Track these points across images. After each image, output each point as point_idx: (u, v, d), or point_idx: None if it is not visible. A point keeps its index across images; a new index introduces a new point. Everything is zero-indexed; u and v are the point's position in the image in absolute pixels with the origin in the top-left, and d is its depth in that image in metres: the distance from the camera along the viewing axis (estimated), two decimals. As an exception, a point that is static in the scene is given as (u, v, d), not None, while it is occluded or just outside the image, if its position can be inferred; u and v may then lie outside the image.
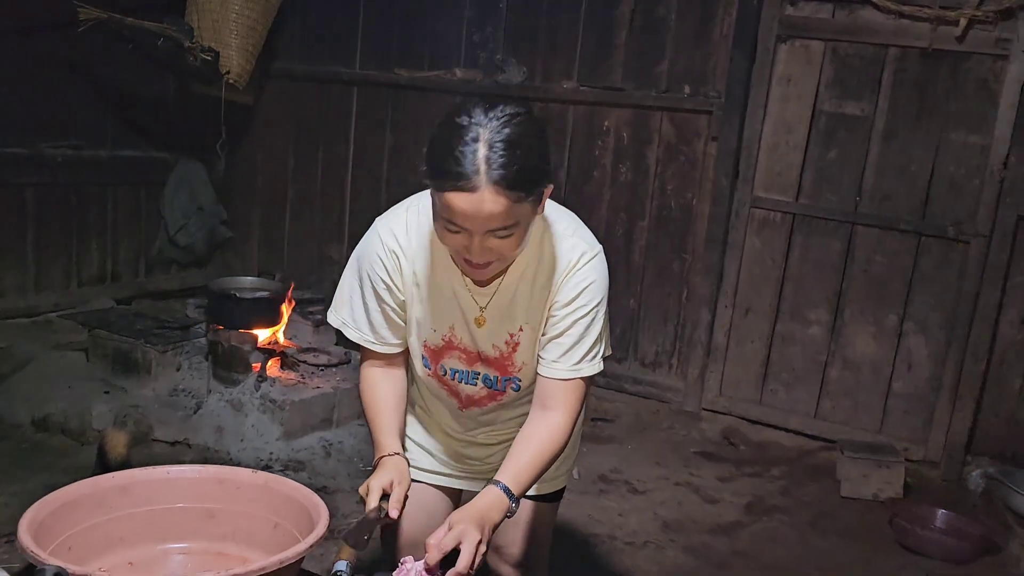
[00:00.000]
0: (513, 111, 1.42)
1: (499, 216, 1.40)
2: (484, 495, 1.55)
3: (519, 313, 1.63)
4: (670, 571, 2.99)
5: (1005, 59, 3.65)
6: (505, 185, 1.38)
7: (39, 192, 4.60)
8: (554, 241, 1.61)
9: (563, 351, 1.62)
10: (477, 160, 1.36)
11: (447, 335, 1.68)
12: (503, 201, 1.38)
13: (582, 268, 1.60)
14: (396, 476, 1.62)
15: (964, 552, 3.14)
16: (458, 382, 1.73)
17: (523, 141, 1.40)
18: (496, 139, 1.38)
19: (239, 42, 4.43)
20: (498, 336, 1.66)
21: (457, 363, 1.71)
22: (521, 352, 1.67)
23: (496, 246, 1.45)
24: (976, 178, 3.78)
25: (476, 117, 1.40)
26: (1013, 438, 3.84)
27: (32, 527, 1.33)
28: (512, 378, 1.71)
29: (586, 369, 1.64)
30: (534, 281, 1.61)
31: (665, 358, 4.50)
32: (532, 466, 1.60)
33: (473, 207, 1.38)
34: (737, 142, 4.15)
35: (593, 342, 1.63)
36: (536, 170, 1.43)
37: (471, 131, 1.38)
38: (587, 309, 1.61)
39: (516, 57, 4.59)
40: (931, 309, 3.93)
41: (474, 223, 1.41)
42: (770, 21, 4.03)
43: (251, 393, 3.64)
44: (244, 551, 1.49)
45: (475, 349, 1.68)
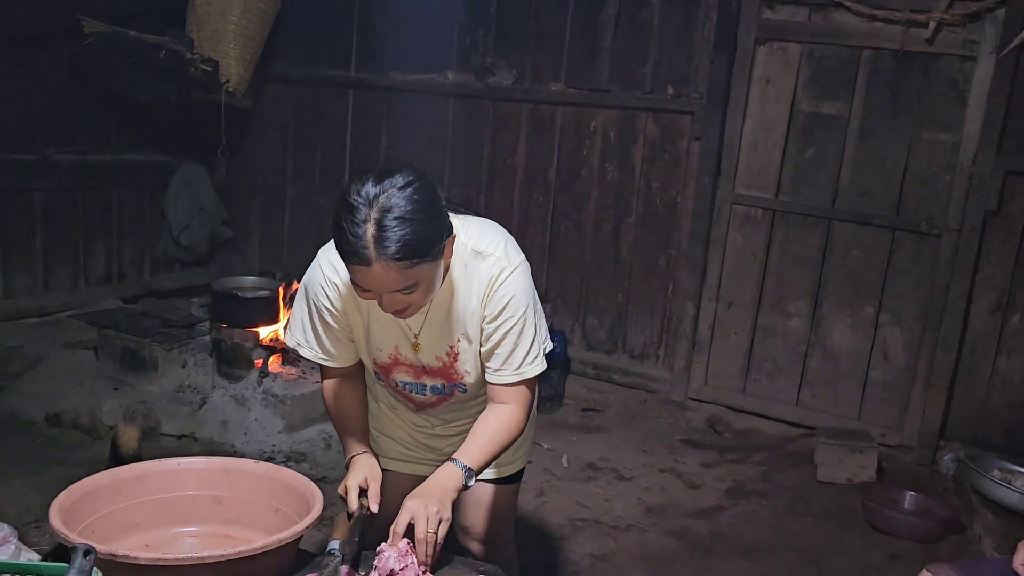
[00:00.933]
0: (403, 182, 1.50)
1: (395, 282, 1.52)
2: (437, 472, 1.72)
3: (455, 327, 1.76)
4: (652, 553, 3.16)
5: (973, 60, 3.80)
6: (396, 259, 1.48)
7: (47, 197, 4.76)
8: (476, 266, 1.73)
9: (503, 360, 1.76)
10: (367, 240, 1.46)
11: (392, 353, 1.82)
12: (395, 272, 1.50)
13: (503, 284, 1.72)
14: (369, 472, 1.78)
15: (930, 532, 3.31)
16: (409, 392, 1.90)
17: (411, 214, 1.48)
18: (385, 218, 1.46)
19: (238, 52, 4.58)
20: (439, 350, 1.80)
21: (406, 376, 1.86)
22: (462, 362, 1.81)
23: (404, 300, 1.57)
24: (947, 174, 3.93)
25: (364, 194, 1.48)
26: (983, 424, 4.01)
27: (61, 513, 1.50)
28: (458, 384, 1.86)
29: (528, 371, 1.77)
30: (466, 298, 1.74)
31: (652, 350, 4.66)
32: (486, 448, 1.75)
33: (369, 279, 1.51)
34: (719, 141, 4.30)
35: (528, 347, 1.76)
36: (426, 239, 1.51)
37: (360, 212, 1.47)
38: (514, 321, 1.74)
39: (506, 60, 4.74)
40: (905, 301, 4.09)
41: (377, 288, 1.54)
42: (749, 24, 4.17)
43: (254, 388, 3.81)
44: (248, 533, 1.66)
45: (419, 364, 1.82)
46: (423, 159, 5.00)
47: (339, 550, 1.59)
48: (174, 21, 4.61)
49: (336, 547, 1.60)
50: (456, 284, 1.73)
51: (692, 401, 4.53)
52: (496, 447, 1.77)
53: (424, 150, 4.99)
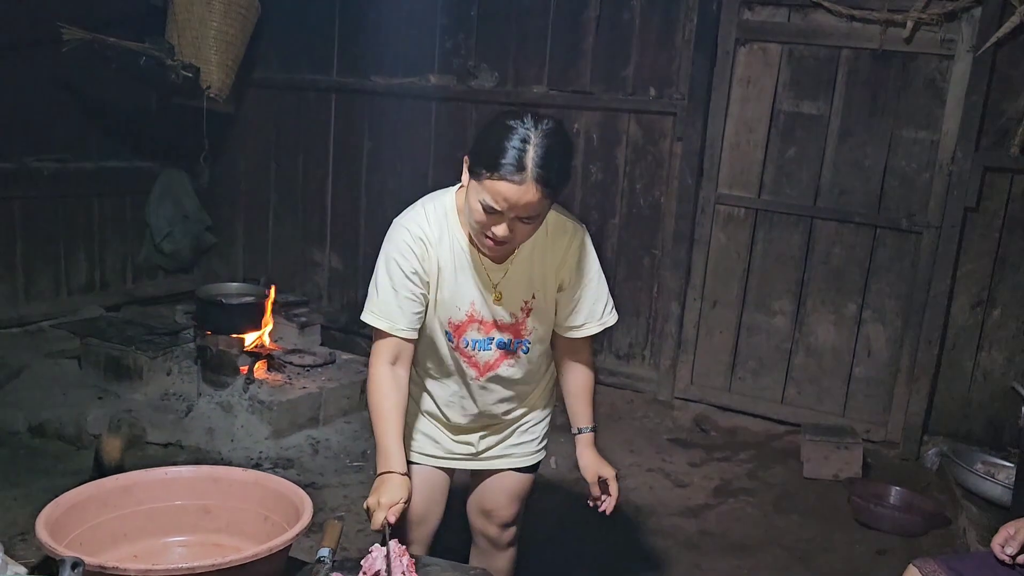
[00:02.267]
0: (555, 125, 1.71)
1: (532, 206, 1.69)
2: (583, 442, 2.13)
3: (531, 283, 1.93)
4: (640, 552, 3.18)
5: (950, 59, 3.84)
6: (543, 183, 1.67)
7: (27, 205, 4.73)
8: (553, 223, 1.91)
9: (587, 314, 2.00)
10: (525, 159, 1.65)
11: (468, 311, 1.93)
12: (538, 195, 1.67)
13: (579, 244, 1.94)
14: (404, 495, 1.79)
15: (915, 526, 3.35)
16: (477, 351, 1.99)
17: (561, 150, 1.71)
18: (541, 145, 1.66)
19: (219, 58, 4.56)
20: (514, 305, 1.94)
21: (476, 334, 1.97)
22: (533, 316, 1.97)
23: (519, 229, 1.74)
24: (926, 172, 3.98)
25: (527, 124, 1.68)
26: (966, 418, 4.05)
27: (48, 525, 1.49)
28: (523, 340, 2.00)
29: (609, 320, 2.06)
30: (542, 257, 1.91)
31: (638, 350, 4.68)
32: (590, 403, 2.14)
33: (516, 195, 1.66)
34: (701, 142, 4.32)
35: (606, 299, 2.04)
36: (564, 175, 1.74)
37: (521, 133, 1.66)
38: (591, 275, 1.98)
39: (488, 63, 4.75)
40: (887, 297, 4.13)
41: (512, 208, 1.68)
42: (729, 25, 4.20)
43: (240, 395, 3.79)
44: (238, 542, 1.66)
45: (492, 319, 1.95)
46: (406, 162, 5.00)
47: (328, 557, 1.59)
48: (154, 27, 4.59)
49: (326, 554, 1.60)
50: (535, 240, 1.87)
51: (678, 400, 4.55)
52: (593, 397, 2.15)
53: (407, 153, 4.99)
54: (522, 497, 2.25)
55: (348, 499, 3.39)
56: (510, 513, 2.23)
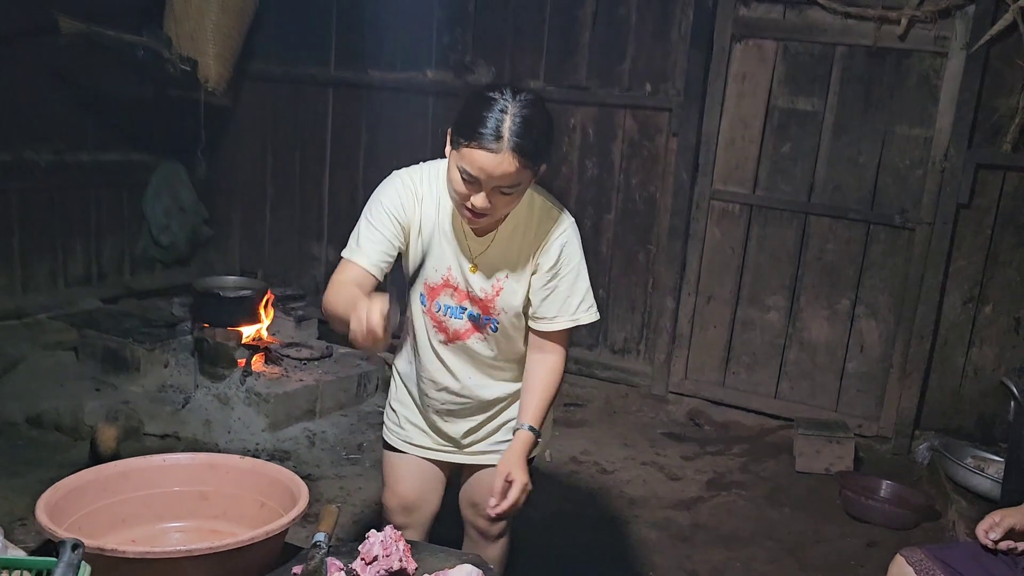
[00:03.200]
0: (533, 98, 1.74)
1: (509, 176, 1.70)
2: (517, 440, 1.93)
3: (506, 264, 1.93)
4: (633, 544, 3.20)
5: (944, 56, 3.87)
6: (519, 152, 1.69)
7: (23, 196, 4.72)
8: (540, 208, 1.92)
9: (560, 304, 1.93)
10: (502, 128, 1.68)
11: (444, 275, 1.95)
12: (515, 164, 1.69)
13: (563, 233, 1.93)
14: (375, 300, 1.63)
15: (905, 519, 3.38)
16: (448, 316, 1.99)
17: (538, 121, 1.73)
18: (518, 115, 1.69)
19: (216, 50, 4.57)
20: (486, 281, 1.94)
21: (449, 300, 1.98)
22: (502, 298, 1.95)
23: (496, 200, 1.75)
24: (920, 169, 4.00)
25: (505, 95, 1.71)
26: (957, 413, 4.09)
27: (47, 509, 1.51)
28: (491, 319, 1.99)
29: (583, 317, 1.96)
30: (523, 238, 1.91)
31: (633, 345, 4.71)
32: (543, 401, 1.97)
33: (492, 164, 1.68)
34: (696, 137, 4.35)
35: (584, 292, 1.96)
36: (542, 147, 1.75)
37: (499, 104, 1.70)
38: (570, 267, 1.93)
39: (485, 58, 4.76)
40: (880, 293, 4.16)
41: (487, 177, 1.70)
42: (725, 22, 4.22)
43: (237, 387, 3.81)
44: (234, 528, 1.68)
45: (465, 289, 1.96)
46: (403, 156, 4.98)
47: (325, 541, 1.61)
48: (152, 19, 4.59)
49: (322, 538, 1.62)
50: (519, 218, 1.89)
51: (673, 395, 4.58)
52: (550, 400, 1.98)
53: (404, 147, 5.00)
54: None
55: (344, 491, 3.41)
56: None
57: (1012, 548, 1.96)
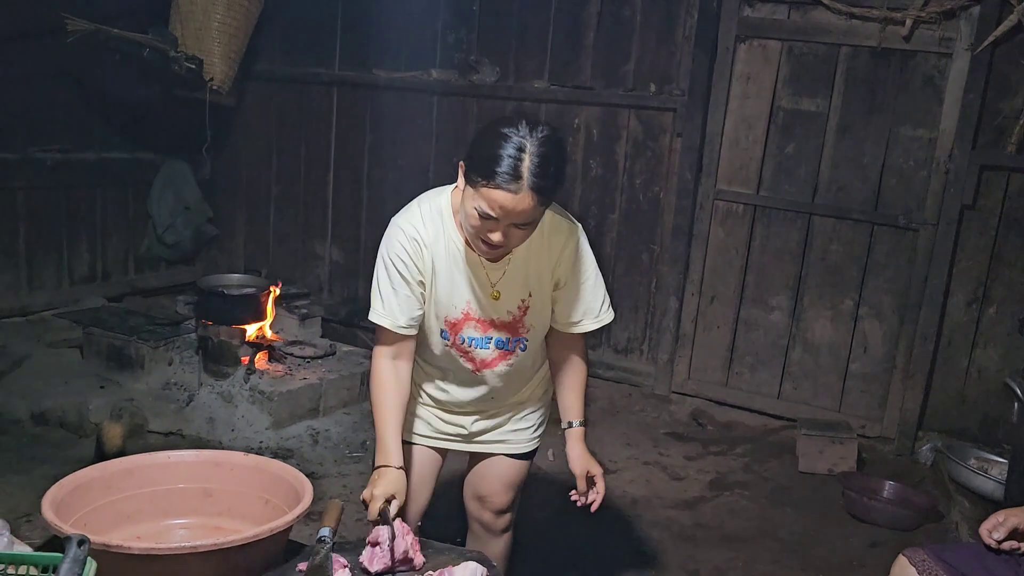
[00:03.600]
0: (549, 132, 1.74)
1: (527, 213, 1.72)
2: (573, 437, 2.11)
3: (529, 282, 1.96)
4: (635, 543, 3.21)
5: (948, 57, 3.87)
6: (538, 191, 1.70)
7: (30, 195, 4.75)
8: (550, 222, 1.93)
9: (585, 308, 2.00)
10: (522, 168, 1.67)
11: (465, 309, 1.97)
12: (533, 202, 1.71)
13: (578, 242, 1.97)
14: (398, 490, 1.84)
15: (908, 520, 3.38)
16: (474, 348, 2.02)
17: (555, 158, 1.73)
18: (536, 154, 1.68)
19: (222, 50, 4.59)
20: (512, 304, 1.98)
21: (473, 332, 2.00)
22: (531, 315, 2.00)
23: (514, 235, 1.78)
24: (924, 170, 4.00)
25: (522, 131, 1.70)
26: (961, 414, 4.08)
27: (53, 505, 1.52)
28: (521, 339, 2.03)
29: (606, 317, 2.05)
30: (538, 257, 1.94)
31: (636, 344, 4.71)
32: (582, 398, 2.12)
33: (512, 203, 1.69)
34: (700, 138, 4.35)
35: (603, 293, 2.04)
36: (559, 182, 1.77)
37: (517, 142, 1.68)
38: (588, 272, 1.99)
39: (489, 58, 4.77)
40: (884, 294, 4.15)
41: (507, 215, 1.71)
42: (729, 22, 4.22)
43: (240, 385, 3.83)
44: (238, 525, 1.69)
45: (488, 318, 1.98)
46: (408, 156, 5.03)
47: (329, 536, 1.62)
48: (157, 19, 4.61)
49: (327, 534, 1.62)
50: (531, 240, 1.89)
51: (676, 395, 4.58)
52: (584, 393, 2.13)
53: (409, 147, 5.02)
54: (516, 484, 2.28)
55: (347, 488, 3.42)
56: (504, 500, 2.26)
57: (1015, 548, 1.96)
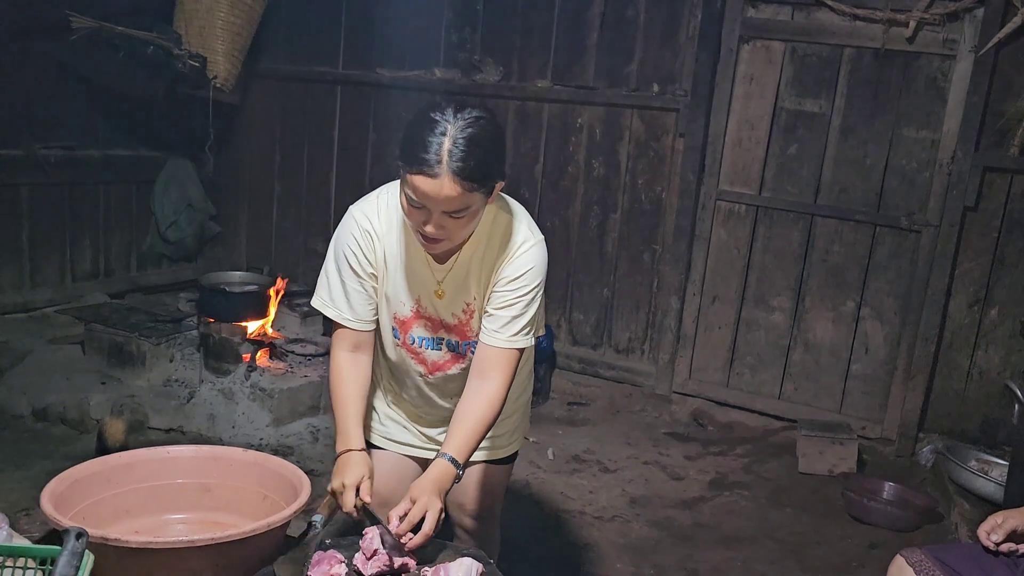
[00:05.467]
0: (478, 114, 1.65)
1: (453, 200, 1.63)
2: (434, 467, 1.78)
3: (472, 286, 1.87)
4: (634, 542, 3.21)
5: (952, 59, 3.86)
6: (462, 176, 1.61)
7: (33, 191, 4.76)
8: (504, 226, 1.85)
9: (503, 323, 1.85)
10: (442, 151, 1.60)
11: (414, 307, 1.91)
12: (458, 188, 1.62)
13: (526, 252, 1.85)
14: (365, 471, 1.79)
15: (907, 521, 3.38)
16: (424, 349, 1.96)
17: (482, 141, 1.63)
18: (460, 136, 1.61)
19: (225, 47, 4.59)
20: (456, 306, 1.90)
21: (423, 331, 1.94)
22: (475, 320, 1.91)
23: (449, 225, 1.68)
24: (926, 171, 4.00)
25: (447, 114, 1.63)
26: (961, 416, 4.08)
27: (52, 499, 1.53)
28: (471, 342, 1.94)
29: (520, 342, 1.87)
30: (484, 258, 1.85)
31: (637, 344, 4.71)
32: (473, 435, 1.82)
33: (433, 189, 1.62)
34: (703, 138, 4.35)
35: (530, 319, 1.87)
36: (489, 167, 1.66)
37: (440, 126, 1.61)
38: (527, 289, 1.85)
39: (493, 57, 4.77)
40: (886, 295, 4.15)
41: (432, 203, 1.64)
42: (733, 23, 4.22)
43: (241, 382, 3.83)
44: (236, 520, 1.70)
45: (438, 317, 1.91)
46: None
47: (320, 523, 1.62)
48: (162, 17, 4.62)
49: (318, 520, 1.63)
50: (480, 238, 1.83)
51: (676, 395, 4.58)
52: (482, 432, 1.84)
53: (411, 146, 5.01)
54: (494, 490, 2.19)
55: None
56: (482, 506, 2.18)
57: (1013, 550, 1.96)
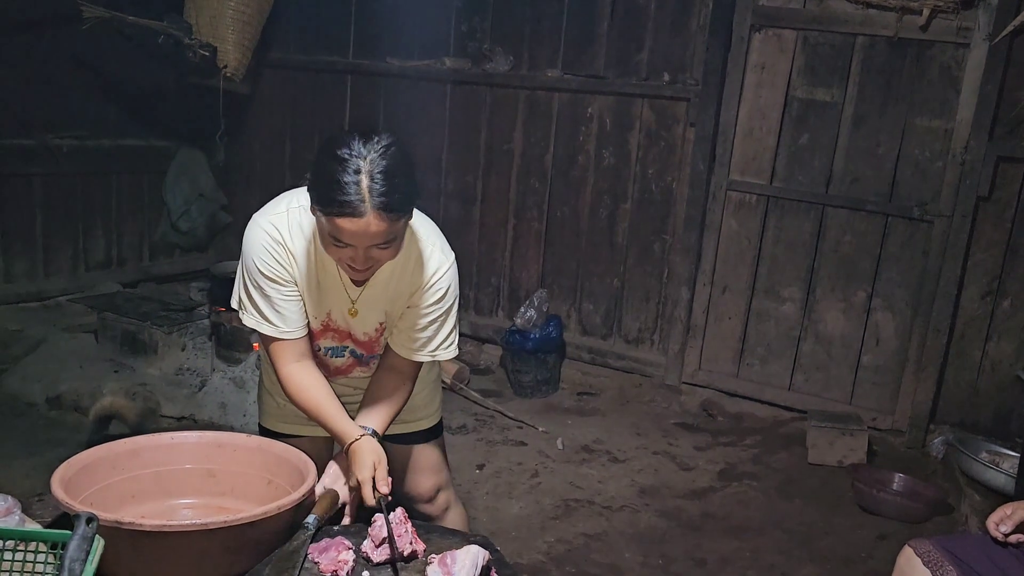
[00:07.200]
0: (387, 142, 1.60)
1: (381, 234, 1.61)
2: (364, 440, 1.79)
3: (385, 305, 1.89)
4: (643, 532, 3.21)
5: (966, 47, 3.82)
6: (386, 210, 1.57)
7: (46, 181, 4.80)
8: (418, 249, 1.84)
9: (422, 343, 1.90)
10: (361, 190, 1.55)
11: (324, 320, 1.91)
12: (384, 223, 1.59)
13: (443, 276, 1.86)
14: (376, 458, 1.77)
15: (917, 512, 3.36)
16: (329, 357, 1.98)
17: (397, 170, 1.59)
18: (376, 170, 1.56)
19: (235, 37, 4.60)
20: (368, 324, 1.91)
21: (330, 342, 1.96)
22: (385, 335, 1.95)
23: (377, 255, 1.67)
24: (939, 161, 3.96)
25: (355, 149, 1.57)
26: (973, 407, 4.05)
27: (62, 484, 1.54)
28: (376, 355, 1.98)
29: (443, 355, 1.94)
30: (400, 279, 1.85)
31: (647, 335, 4.70)
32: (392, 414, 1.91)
33: (360, 229, 1.58)
34: (714, 127, 4.32)
35: (448, 333, 1.93)
36: (409, 193, 1.63)
37: (353, 163, 1.56)
38: (442, 310, 1.89)
39: (502, 46, 4.76)
40: (897, 286, 4.12)
41: (360, 241, 1.61)
42: (744, 11, 4.19)
43: (252, 371, 3.85)
44: (242, 505, 1.70)
45: (347, 330, 1.93)
46: (421, 145, 5.03)
47: (313, 524, 1.63)
48: (172, 6, 4.64)
49: (311, 521, 1.63)
50: (396, 262, 1.79)
51: (686, 385, 4.57)
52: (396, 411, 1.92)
53: (421, 136, 5.01)
54: (434, 467, 2.18)
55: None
56: (428, 487, 2.18)
57: (1022, 541, 1.95)
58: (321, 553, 1.58)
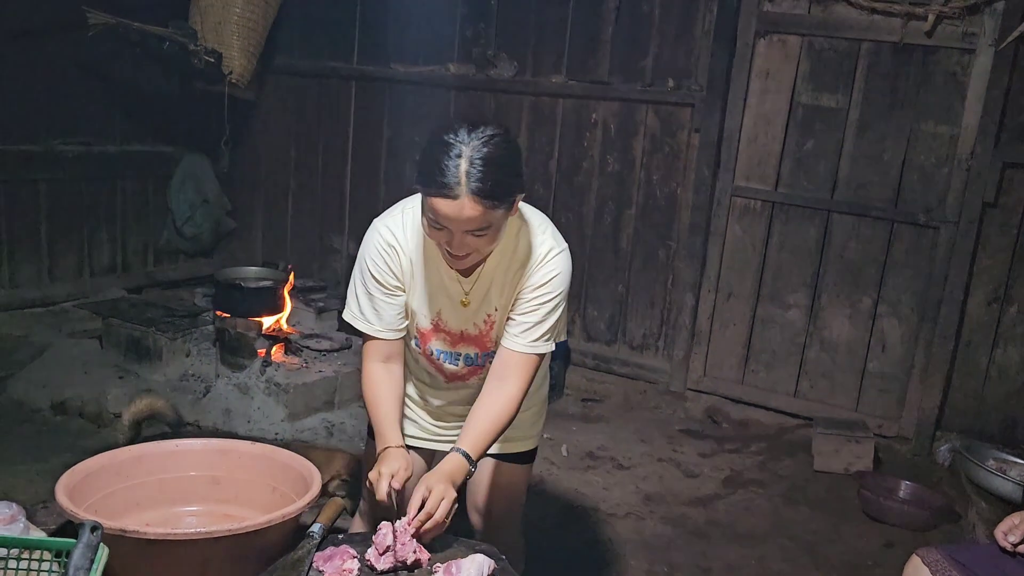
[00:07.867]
0: (492, 132, 1.66)
1: (475, 220, 1.64)
2: (447, 461, 1.80)
3: (495, 297, 1.89)
4: (648, 539, 3.20)
5: (972, 52, 3.81)
6: (481, 196, 1.62)
7: (52, 187, 4.81)
8: (528, 237, 1.86)
9: (525, 328, 1.87)
10: (459, 173, 1.61)
11: (435, 319, 1.92)
12: (479, 208, 1.63)
13: (551, 260, 1.85)
14: (403, 464, 1.80)
15: (924, 520, 3.34)
16: (442, 361, 1.98)
17: (499, 159, 1.64)
18: (476, 156, 1.62)
19: (240, 43, 4.61)
20: (478, 316, 1.91)
21: (441, 344, 1.96)
22: (496, 330, 1.93)
23: (472, 243, 1.70)
24: (945, 167, 3.95)
25: (460, 136, 1.63)
26: (979, 414, 4.03)
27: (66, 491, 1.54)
28: (489, 353, 1.96)
29: (541, 347, 1.89)
30: (508, 269, 1.86)
31: (652, 341, 4.69)
32: (488, 433, 1.85)
33: (454, 212, 1.63)
34: (719, 133, 4.32)
35: (552, 325, 1.88)
36: (508, 183, 1.67)
37: (455, 148, 1.62)
38: (551, 296, 1.86)
39: (507, 52, 4.76)
40: (903, 292, 4.11)
41: (454, 224, 1.65)
42: (749, 17, 4.19)
43: (257, 377, 3.85)
44: (246, 512, 1.70)
45: (458, 330, 1.92)
46: (425, 151, 5.03)
47: (318, 533, 1.63)
48: (178, 12, 4.65)
49: (316, 530, 1.63)
50: (505, 250, 1.83)
51: (691, 392, 4.56)
52: (497, 431, 1.86)
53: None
54: (512, 490, 2.16)
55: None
56: (500, 508, 2.14)
57: (1031, 551, 1.94)
58: (326, 561, 1.57)
